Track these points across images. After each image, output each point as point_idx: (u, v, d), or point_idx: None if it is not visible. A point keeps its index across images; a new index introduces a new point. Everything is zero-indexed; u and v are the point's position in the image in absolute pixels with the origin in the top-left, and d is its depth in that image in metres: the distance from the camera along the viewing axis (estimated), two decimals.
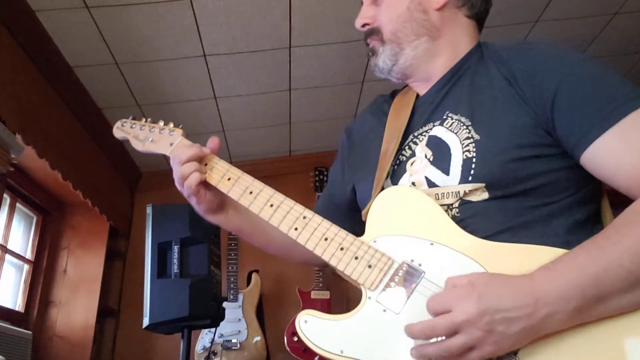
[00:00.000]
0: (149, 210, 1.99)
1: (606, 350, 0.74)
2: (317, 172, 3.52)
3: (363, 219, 0.98)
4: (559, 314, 0.72)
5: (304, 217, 0.96)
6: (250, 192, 1.01)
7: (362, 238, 0.92)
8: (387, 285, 0.86)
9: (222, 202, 1.09)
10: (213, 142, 1.08)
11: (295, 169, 3.69)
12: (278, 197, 1.00)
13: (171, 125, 1.15)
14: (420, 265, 0.86)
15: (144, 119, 1.18)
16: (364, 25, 1.08)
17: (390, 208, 0.93)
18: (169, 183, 1.21)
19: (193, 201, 1.07)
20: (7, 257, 2.69)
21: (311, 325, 0.86)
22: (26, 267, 2.91)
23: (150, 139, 1.15)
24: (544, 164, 0.87)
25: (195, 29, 2.43)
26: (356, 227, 0.98)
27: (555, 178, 0.87)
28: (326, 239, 0.93)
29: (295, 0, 2.35)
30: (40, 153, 2.37)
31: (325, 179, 3.49)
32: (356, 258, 0.90)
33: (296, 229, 0.95)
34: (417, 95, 1.08)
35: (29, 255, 2.94)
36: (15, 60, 2.25)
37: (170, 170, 1.11)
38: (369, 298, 0.86)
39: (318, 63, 2.79)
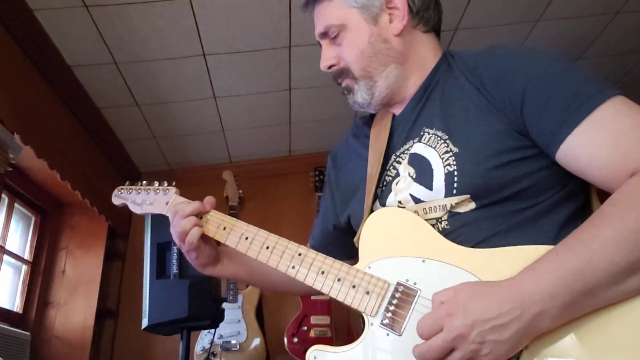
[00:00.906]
0: None
1: (603, 342, 0.74)
2: (317, 172, 3.52)
3: (356, 245, 0.99)
4: (548, 311, 0.73)
5: (299, 254, 0.99)
6: (246, 238, 1.05)
7: (357, 266, 0.94)
8: (387, 309, 0.88)
9: (217, 253, 1.13)
10: (210, 200, 1.12)
11: (295, 169, 3.68)
12: (272, 238, 1.03)
13: (165, 184, 1.22)
14: (415, 284, 0.88)
15: (139, 183, 1.26)
16: (330, 67, 1.10)
17: (379, 231, 0.96)
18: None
19: (192, 256, 1.10)
20: (5, 257, 2.68)
21: None
22: (24, 267, 2.90)
23: (147, 202, 1.21)
24: (525, 167, 0.88)
25: (194, 28, 2.42)
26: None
27: (538, 178, 0.89)
28: (323, 273, 0.96)
29: (295, 0, 2.34)
30: (38, 153, 2.36)
31: (325, 178, 3.48)
32: (354, 287, 0.92)
33: (293, 267, 0.99)
34: (394, 115, 1.11)
35: (27, 255, 2.93)
36: (14, 60, 2.24)
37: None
38: (372, 324, 0.89)
39: (318, 63, 2.76)
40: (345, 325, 3.13)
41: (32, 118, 2.35)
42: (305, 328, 3.01)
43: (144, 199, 1.22)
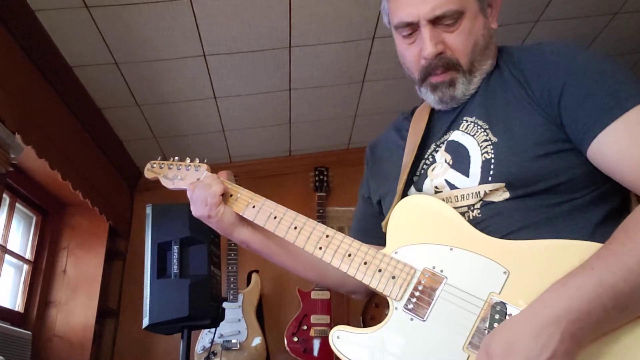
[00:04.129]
0: (148, 210, 1.98)
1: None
2: (317, 172, 3.52)
3: (383, 230, 0.99)
4: (583, 329, 0.71)
5: (327, 236, 0.99)
6: (275, 217, 1.05)
7: (384, 250, 0.94)
8: (412, 295, 0.88)
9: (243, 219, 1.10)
10: (224, 174, 1.14)
11: (295, 169, 3.69)
12: (300, 219, 1.03)
13: (197, 161, 1.23)
14: (442, 271, 0.87)
15: (171, 159, 1.27)
16: (438, 55, 0.96)
17: (407, 217, 0.95)
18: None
19: (214, 221, 1.08)
20: (7, 257, 2.68)
21: (343, 340, 0.91)
22: (26, 267, 2.91)
23: (178, 177, 1.22)
24: (563, 161, 0.87)
25: (195, 28, 2.43)
26: None
27: (576, 174, 0.87)
28: (349, 255, 0.96)
29: (295, 0, 2.35)
30: (39, 153, 2.37)
31: (325, 178, 3.50)
32: (380, 271, 0.92)
33: (320, 248, 0.98)
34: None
35: (28, 255, 2.94)
36: (15, 60, 2.25)
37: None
38: (396, 308, 0.89)
39: (318, 63, 2.79)
40: (346, 325, 3.13)
41: (33, 118, 2.36)
42: (306, 327, 3.01)
43: (175, 174, 1.23)
